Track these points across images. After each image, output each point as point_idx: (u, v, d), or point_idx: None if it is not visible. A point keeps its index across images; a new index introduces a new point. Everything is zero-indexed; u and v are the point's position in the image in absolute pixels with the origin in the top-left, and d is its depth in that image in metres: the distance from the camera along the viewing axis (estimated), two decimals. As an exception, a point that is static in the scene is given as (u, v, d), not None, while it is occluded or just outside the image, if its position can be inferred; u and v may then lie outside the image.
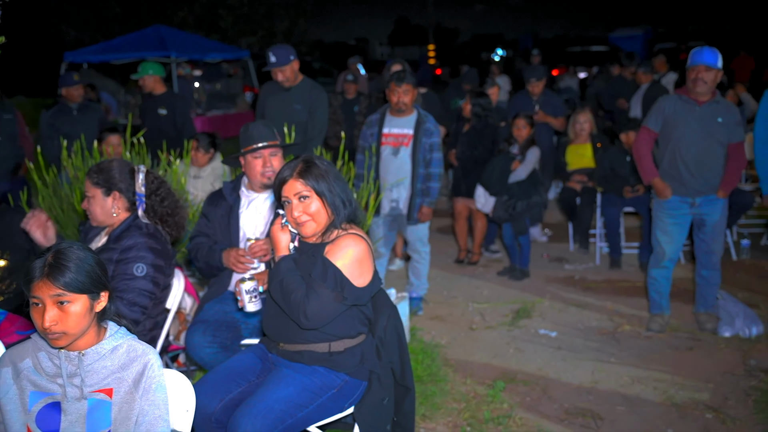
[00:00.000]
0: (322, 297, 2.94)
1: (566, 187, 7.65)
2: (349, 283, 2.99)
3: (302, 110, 6.10)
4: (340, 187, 3.09)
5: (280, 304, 3.03)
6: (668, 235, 5.29)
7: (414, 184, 5.69)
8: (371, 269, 3.10)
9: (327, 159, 3.22)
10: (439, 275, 7.00)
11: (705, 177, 5.11)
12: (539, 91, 7.98)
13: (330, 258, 3.00)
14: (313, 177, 3.05)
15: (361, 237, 3.08)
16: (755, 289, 6.28)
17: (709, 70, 4.99)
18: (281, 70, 6.06)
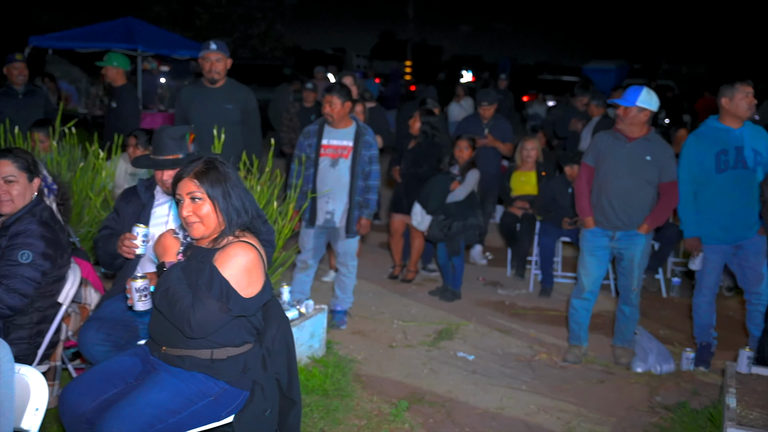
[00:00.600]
0: (207, 307, 2.91)
1: (507, 213, 7.69)
2: (235, 293, 2.96)
3: (234, 110, 5.90)
4: (238, 195, 3.06)
5: (164, 312, 2.99)
6: (586, 267, 5.35)
7: (352, 196, 5.69)
8: (261, 279, 3.06)
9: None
10: (371, 290, 6.99)
11: (627, 213, 5.16)
12: (490, 115, 8.02)
13: (218, 266, 2.97)
14: (208, 180, 3.02)
15: (252, 246, 3.04)
16: (676, 327, 6.34)
17: (628, 109, 5.08)
18: (218, 60, 5.81)
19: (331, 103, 5.61)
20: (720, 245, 5.24)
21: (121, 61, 7.78)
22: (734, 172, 5.08)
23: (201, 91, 5.94)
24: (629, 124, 5.11)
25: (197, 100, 5.91)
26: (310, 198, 5.68)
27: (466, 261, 7.98)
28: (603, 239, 5.28)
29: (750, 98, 5.05)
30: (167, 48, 14.66)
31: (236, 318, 3.03)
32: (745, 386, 4.20)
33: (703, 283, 5.35)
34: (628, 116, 5.10)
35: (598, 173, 5.28)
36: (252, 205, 3.13)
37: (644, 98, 5.06)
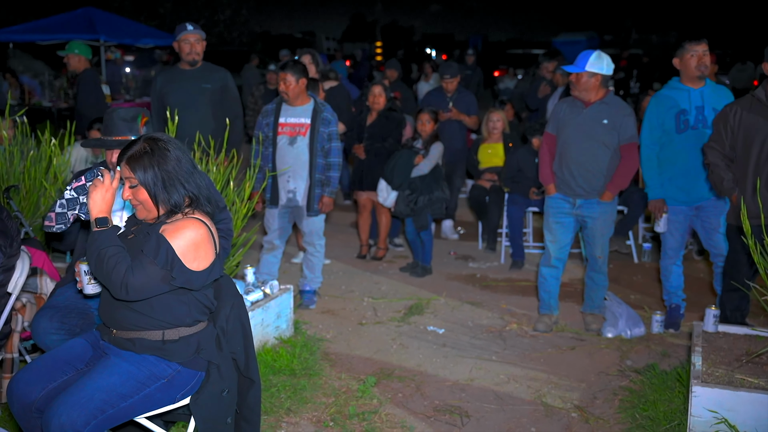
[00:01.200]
0: (148, 272, 2.82)
1: (476, 185, 7.65)
2: (180, 263, 2.87)
3: (211, 89, 5.99)
4: (176, 179, 2.94)
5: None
6: (552, 233, 5.33)
7: (312, 174, 5.62)
8: (209, 256, 2.99)
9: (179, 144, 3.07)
10: (342, 269, 6.94)
11: (587, 179, 5.13)
12: (453, 88, 7.93)
13: (166, 236, 2.89)
14: (141, 166, 2.91)
15: (202, 222, 2.97)
16: (647, 291, 6.33)
17: (579, 75, 5.06)
18: (197, 41, 5.91)
19: (285, 81, 5.54)
20: (680, 206, 5.21)
21: (82, 49, 7.68)
22: (694, 132, 5.05)
23: (177, 74, 6.01)
24: (582, 89, 5.09)
25: (174, 82, 5.96)
26: (269, 177, 5.61)
27: (438, 236, 7.95)
28: (565, 205, 5.26)
29: (699, 57, 5.01)
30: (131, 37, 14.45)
31: (185, 295, 2.95)
32: (711, 344, 4.18)
33: (667, 245, 5.33)
34: (580, 82, 5.08)
35: (558, 141, 5.25)
36: (202, 189, 3.03)
37: (593, 62, 5.03)
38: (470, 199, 7.77)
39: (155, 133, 3.10)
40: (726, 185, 4.56)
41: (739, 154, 4.55)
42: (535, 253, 7.37)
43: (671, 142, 5.10)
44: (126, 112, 3.79)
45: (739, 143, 4.53)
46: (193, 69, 6.00)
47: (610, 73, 5.08)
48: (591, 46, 27.14)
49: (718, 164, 4.61)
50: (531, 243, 7.62)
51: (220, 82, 6.04)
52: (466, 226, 8.53)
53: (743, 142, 4.50)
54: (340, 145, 5.67)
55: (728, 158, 4.60)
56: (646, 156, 5.19)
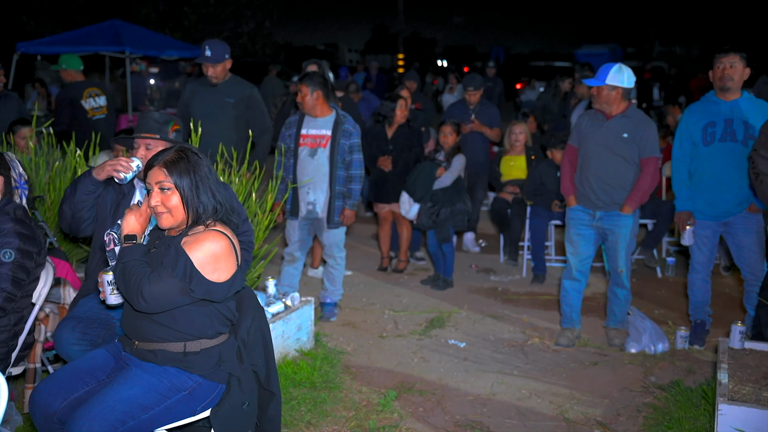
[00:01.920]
0: (165, 282, 2.83)
1: (498, 198, 7.61)
2: (199, 275, 2.88)
3: (235, 104, 6.07)
4: (208, 188, 2.98)
5: (119, 285, 2.91)
6: (573, 245, 5.28)
7: (332, 186, 5.61)
8: (230, 268, 2.98)
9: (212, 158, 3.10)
10: (363, 281, 6.92)
11: (606, 192, 5.09)
12: (476, 100, 7.91)
13: (186, 249, 2.90)
14: (177, 171, 2.95)
15: (224, 234, 2.97)
16: (671, 306, 6.25)
17: (600, 88, 5.05)
18: (213, 66, 6.00)
19: (301, 92, 5.59)
20: (707, 221, 5.14)
21: (70, 62, 7.88)
22: (721, 145, 4.98)
23: (204, 87, 6.13)
24: (603, 102, 5.07)
25: (199, 95, 6.10)
26: (291, 188, 5.61)
27: (459, 249, 7.91)
28: (585, 217, 5.22)
29: (723, 69, 4.94)
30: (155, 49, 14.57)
31: (207, 307, 2.96)
32: (738, 361, 4.11)
33: (695, 259, 5.26)
34: (601, 95, 5.07)
35: (579, 153, 5.23)
36: (227, 200, 3.05)
37: (614, 75, 5.00)
38: (492, 211, 7.73)
39: (186, 144, 3.12)
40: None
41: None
42: (558, 266, 7.32)
43: (699, 154, 5.05)
44: (160, 116, 3.88)
45: None
46: (221, 84, 6.08)
47: (631, 86, 5.05)
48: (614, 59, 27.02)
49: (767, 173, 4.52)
50: (553, 256, 7.56)
51: (244, 96, 6.10)
52: (487, 239, 8.49)
53: None
54: (361, 156, 5.66)
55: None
56: (676, 168, 5.15)
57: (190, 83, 6.42)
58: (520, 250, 7.54)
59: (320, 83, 5.58)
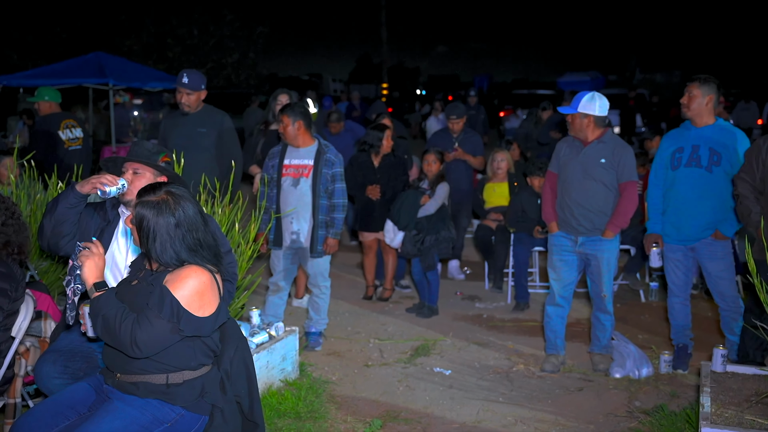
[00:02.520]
0: (155, 326, 2.83)
1: (482, 225, 7.66)
2: (187, 313, 2.88)
3: (208, 133, 6.12)
4: (180, 231, 2.94)
5: (106, 339, 2.90)
6: (556, 271, 5.33)
7: (315, 215, 5.63)
8: (214, 301, 2.99)
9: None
10: (348, 310, 6.91)
11: (587, 217, 5.17)
12: (459, 129, 7.97)
13: (169, 287, 2.90)
14: (150, 211, 2.94)
15: (205, 269, 2.98)
16: (655, 331, 6.29)
17: (573, 116, 5.17)
18: (187, 93, 6.06)
19: (282, 123, 5.65)
20: (675, 244, 5.22)
21: (51, 94, 8.01)
22: (687, 170, 5.08)
23: (178, 118, 6.21)
24: (577, 130, 5.20)
25: (174, 127, 6.17)
26: (274, 218, 5.63)
27: (444, 276, 7.92)
28: (567, 243, 5.29)
29: (686, 95, 5.07)
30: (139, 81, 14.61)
31: (191, 339, 2.95)
32: (720, 385, 4.14)
33: (671, 283, 5.32)
34: (574, 123, 5.21)
35: (560, 180, 5.32)
36: (207, 247, 3.02)
37: (585, 104, 5.13)
38: (476, 239, 7.77)
39: (179, 187, 3.08)
40: (753, 218, 4.54)
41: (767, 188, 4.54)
42: (542, 293, 7.34)
43: (668, 179, 5.19)
44: (152, 146, 3.95)
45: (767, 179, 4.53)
46: (192, 113, 6.14)
47: (603, 114, 5.16)
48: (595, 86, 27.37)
49: (747, 196, 4.60)
50: (537, 283, 7.60)
51: (216, 126, 6.15)
52: (472, 266, 8.51)
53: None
54: (344, 186, 5.70)
55: (758, 191, 4.59)
56: (650, 192, 5.28)
57: (164, 119, 6.52)
58: (505, 277, 7.57)
59: (301, 113, 5.63)
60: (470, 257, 8.82)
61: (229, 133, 6.23)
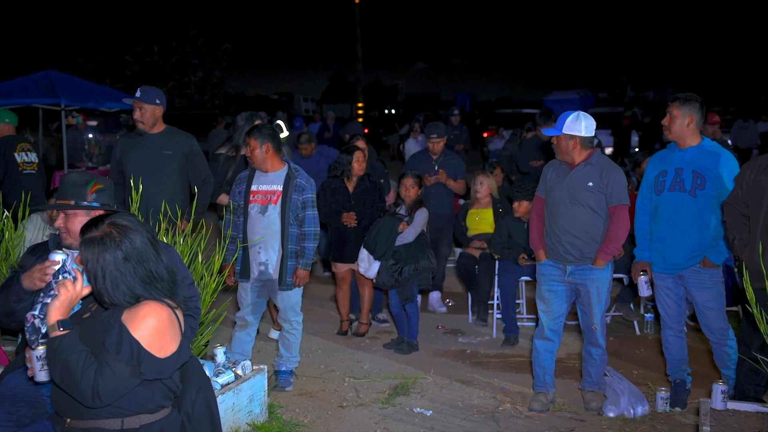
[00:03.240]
0: (116, 372, 2.80)
1: (464, 254, 7.69)
2: (148, 355, 2.86)
3: (173, 156, 6.15)
4: (130, 265, 2.92)
5: (64, 386, 2.86)
6: (545, 302, 5.36)
7: (285, 244, 5.62)
8: (175, 339, 2.97)
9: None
10: (321, 347, 6.89)
11: (575, 245, 5.21)
12: (440, 150, 8.00)
13: (128, 326, 2.87)
14: (93, 252, 2.93)
15: (164, 304, 2.96)
16: (651, 366, 6.31)
17: (558, 138, 5.22)
18: (141, 107, 6.07)
19: (248, 146, 5.66)
20: (662, 272, 5.27)
21: (9, 116, 8.22)
22: (670, 194, 5.15)
23: (137, 139, 6.18)
24: (563, 152, 5.26)
25: (133, 148, 6.14)
26: (240, 248, 5.62)
27: (424, 309, 7.93)
28: (555, 272, 5.33)
29: (667, 116, 5.15)
30: (94, 101, 14.55)
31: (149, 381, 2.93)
32: (721, 423, 4.17)
33: (663, 313, 5.38)
34: (560, 145, 5.25)
35: (547, 205, 5.37)
36: (161, 281, 3.00)
37: (570, 125, 5.17)
38: (458, 268, 7.80)
39: (123, 216, 3.06)
40: (737, 243, 4.62)
41: (751, 214, 4.62)
42: (530, 325, 7.36)
43: (652, 204, 5.25)
44: (79, 177, 3.79)
45: (750, 204, 4.61)
46: (155, 134, 6.16)
47: (590, 134, 5.22)
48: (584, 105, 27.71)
49: (732, 222, 4.70)
50: (525, 315, 7.62)
51: (183, 148, 6.20)
52: (454, 298, 8.53)
53: (752, 202, 4.58)
54: (315, 212, 5.70)
55: (745, 216, 4.67)
56: (637, 218, 5.35)
57: (120, 139, 6.51)
58: (490, 309, 7.59)
59: (269, 135, 5.64)
60: (452, 288, 8.84)
61: (197, 156, 6.27)
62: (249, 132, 5.73)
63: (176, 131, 6.27)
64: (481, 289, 7.50)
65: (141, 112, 6.08)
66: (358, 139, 7.88)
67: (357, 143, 7.57)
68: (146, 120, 6.09)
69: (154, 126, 6.15)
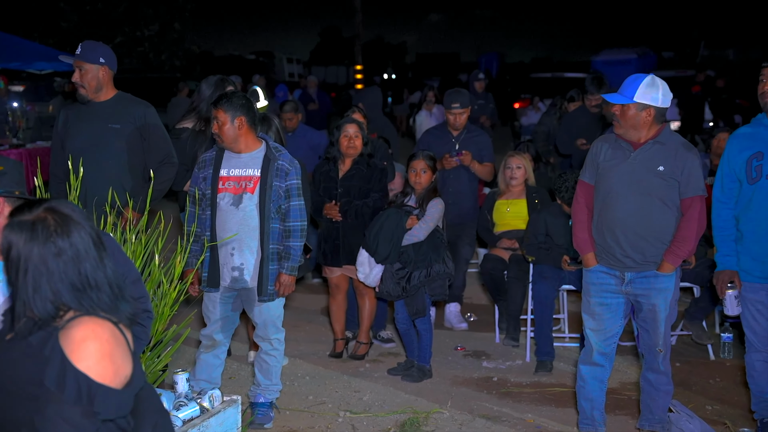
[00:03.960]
0: (66, 418, 2.79)
1: (490, 256, 7.70)
2: (102, 388, 2.85)
3: (122, 131, 6.14)
4: (60, 263, 2.93)
5: None
6: (594, 319, 5.32)
7: (265, 244, 5.63)
8: (127, 361, 2.97)
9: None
10: (309, 372, 6.93)
11: (638, 247, 5.16)
12: (462, 123, 8.01)
13: (69, 357, 2.87)
14: (18, 240, 2.95)
15: (101, 319, 2.96)
16: (729, 399, 6.33)
17: (626, 108, 5.12)
18: (81, 67, 6.07)
19: (216, 119, 5.62)
20: (757, 282, 5.26)
21: None
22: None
23: (81, 110, 6.20)
24: (629, 126, 5.14)
25: (77, 122, 6.16)
26: (207, 248, 5.61)
27: (440, 325, 7.96)
28: (610, 281, 5.29)
29: (763, 82, 5.12)
30: (20, 60, 14.59)
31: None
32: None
33: (751, 334, 5.36)
34: (627, 116, 5.13)
35: (597, 194, 5.30)
36: (98, 280, 3.02)
37: (645, 91, 5.08)
38: (483, 274, 7.81)
39: (66, 204, 3.08)
40: None
41: None
42: (572, 347, 7.38)
43: (743, 196, 5.19)
44: None
45: None
46: (101, 103, 6.17)
47: (666, 105, 5.15)
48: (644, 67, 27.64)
49: None
50: (566, 333, 7.64)
51: (136, 120, 6.18)
52: (477, 311, 8.57)
53: None
54: (302, 203, 5.71)
55: None
56: (716, 214, 5.29)
57: (63, 109, 6.51)
58: (522, 326, 7.61)
59: (242, 106, 5.63)
60: (474, 299, 8.88)
61: (155, 130, 6.27)
62: (216, 102, 5.68)
63: (129, 98, 6.28)
64: (511, 300, 7.51)
65: (81, 74, 6.07)
66: (354, 111, 7.89)
67: (353, 115, 7.58)
68: (88, 84, 6.08)
69: (99, 92, 6.14)
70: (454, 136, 8.06)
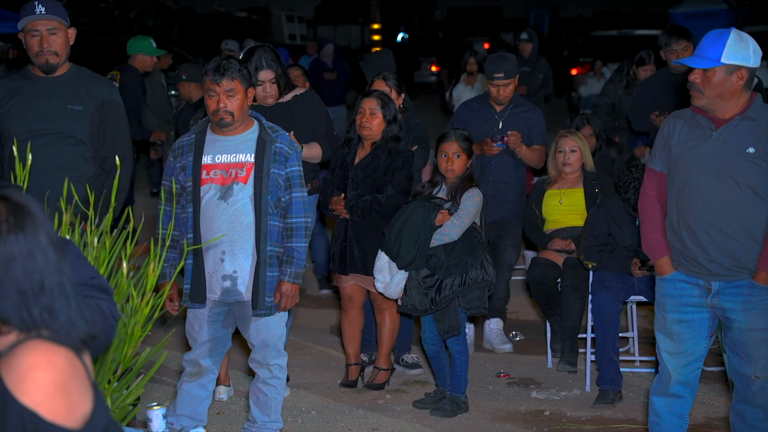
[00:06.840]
0: None
1: (539, 260, 7.70)
2: (54, 429, 2.89)
3: (83, 114, 6.12)
4: (13, 265, 2.97)
5: None
6: (673, 339, 5.29)
7: (261, 246, 5.65)
8: (86, 393, 3.01)
9: None
10: (316, 406, 6.95)
11: (724, 248, 5.10)
12: (507, 97, 7.93)
13: (12, 389, 2.90)
14: None
15: (55, 344, 2.99)
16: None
17: (709, 72, 5.00)
18: (51, 30, 5.99)
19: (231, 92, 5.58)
20: None
21: None
22: None
23: (28, 85, 6.16)
24: (716, 96, 5.03)
25: (23, 100, 6.10)
26: (188, 254, 5.62)
27: (479, 347, 7.97)
28: (692, 291, 5.25)
29: None
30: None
31: None
32: None
33: None
34: (711, 83, 4.99)
35: (672, 185, 5.25)
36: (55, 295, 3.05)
37: (733, 49, 4.98)
38: (531, 282, 7.81)
39: (20, 193, 3.11)
40: None
41: None
42: (644, 372, 7.38)
43: None
44: None
45: None
46: (54, 78, 6.14)
47: (758, 64, 5.05)
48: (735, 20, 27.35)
49: None
50: (637, 357, 7.64)
51: (97, 100, 6.17)
52: (524, 329, 8.58)
53: None
54: (304, 194, 5.74)
55: None
56: None
57: (1, 81, 6.51)
58: (581, 347, 7.61)
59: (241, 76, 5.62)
60: (521, 313, 8.89)
61: (116, 113, 6.29)
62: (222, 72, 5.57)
63: (89, 75, 6.28)
64: (567, 315, 7.51)
65: (52, 38, 6.00)
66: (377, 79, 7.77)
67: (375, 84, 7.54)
68: (60, 49, 6.02)
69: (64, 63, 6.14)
70: (497, 112, 7.99)
